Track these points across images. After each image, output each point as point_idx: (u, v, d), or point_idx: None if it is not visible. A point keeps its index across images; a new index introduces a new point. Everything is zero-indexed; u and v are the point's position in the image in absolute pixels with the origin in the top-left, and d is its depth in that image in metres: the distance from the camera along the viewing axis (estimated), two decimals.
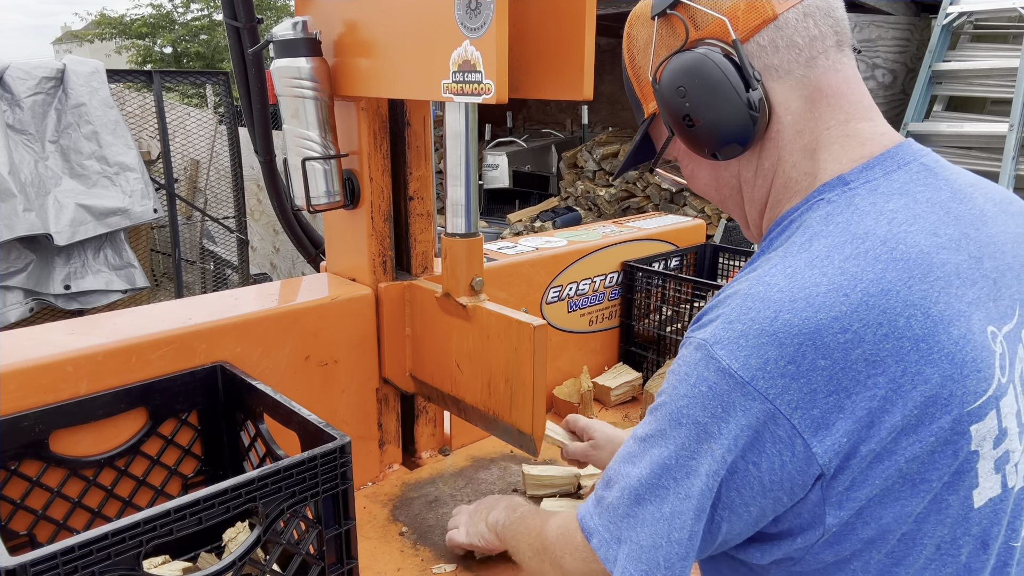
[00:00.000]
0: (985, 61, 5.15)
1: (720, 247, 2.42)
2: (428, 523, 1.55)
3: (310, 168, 1.50)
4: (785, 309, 0.76)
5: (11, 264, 4.29)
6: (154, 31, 19.20)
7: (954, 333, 0.77)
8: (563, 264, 2.01)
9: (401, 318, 1.64)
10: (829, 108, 0.88)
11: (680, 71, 0.87)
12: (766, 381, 0.75)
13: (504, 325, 1.40)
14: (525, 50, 1.27)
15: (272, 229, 7.13)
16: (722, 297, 0.84)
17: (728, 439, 0.77)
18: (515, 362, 1.39)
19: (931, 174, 0.87)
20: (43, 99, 4.41)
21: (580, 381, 2.02)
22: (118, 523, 0.90)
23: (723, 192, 0.98)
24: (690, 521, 0.80)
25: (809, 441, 0.75)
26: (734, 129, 0.87)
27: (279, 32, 1.44)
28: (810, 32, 0.86)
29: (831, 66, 0.87)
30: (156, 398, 1.32)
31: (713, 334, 0.79)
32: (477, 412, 1.52)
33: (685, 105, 0.88)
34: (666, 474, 0.82)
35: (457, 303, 1.47)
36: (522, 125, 10.11)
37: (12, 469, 1.19)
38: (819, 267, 0.78)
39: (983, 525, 0.81)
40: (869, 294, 0.76)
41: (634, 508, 0.84)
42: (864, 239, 0.79)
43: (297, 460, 1.06)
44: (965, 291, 0.79)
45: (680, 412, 0.81)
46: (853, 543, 0.80)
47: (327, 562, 1.13)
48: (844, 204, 0.83)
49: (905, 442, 0.76)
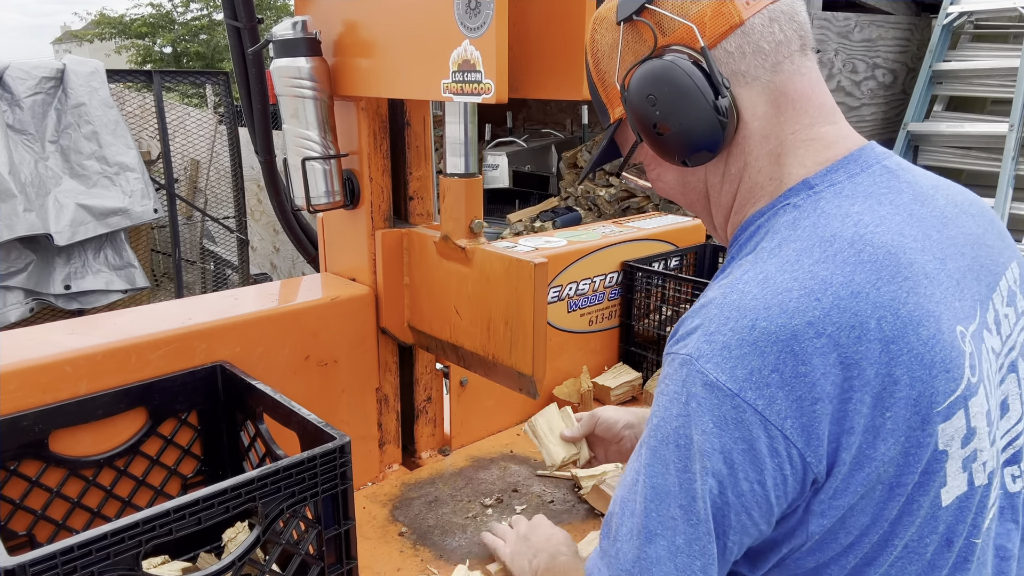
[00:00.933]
0: (985, 61, 5.15)
1: (720, 247, 2.42)
2: (428, 523, 1.55)
3: (310, 168, 1.50)
4: (761, 317, 0.76)
5: (11, 264, 4.29)
6: (154, 31, 19.19)
7: (923, 333, 0.77)
8: (563, 264, 2.01)
9: (399, 267, 1.62)
10: (794, 112, 0.88)
11: (649, 79, 0.86)
12: (754, 392, 0.75)
13: (504, 265, 1.37)
14: (525, 50, 1.27)
15: (272, 229, 7.13)
16: (697, 307, 0.84)
17: (725, 456, 0.76)
18: (515, 303, 1.37)
19: (893, 177, 0.88)
20: (43, 99, 4.41)
21: (580, 381, 2.02)
22: (117, 523, 0.90)
23: (690, 196, 0.98)
24: (706, 545, 0.78)
25: (803, 451, 0.75)
26: (704, 136, 0.86)
27: (279, 32, 1.44)
28: (775, 37, 0.86)
29: (796, 70, 0.88)
30: (156, 398, 1.32)
31: (697, 348, 0.79)
32: (476, 358, 1.49)
33: (655, 113, 0.87)
34: (671, 502, 0.79)
35: (456, 246, 1.45)
36: (522, 125, 10.11)
37: (12, 469, 1.19)
38: (790, 272, 0.78)
39: (949, 523, 0.82)
40: (840, 297, 0.76)
41: (646, 548, 0.81)
42: (832, 242, 0.80)
43: (297, 460, 1.05)
44: (932, 291, 0.80)
45: (676, 433, 0.79)
46: (834, 548, 0.81)
47: (327, 562, 1.13)
48: (810, 208, 0.84)
49: (882, 446, 0.76)
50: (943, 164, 5.17)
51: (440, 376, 1.82)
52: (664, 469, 0.80)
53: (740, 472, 0.76)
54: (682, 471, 0.78)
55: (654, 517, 0.80)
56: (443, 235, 1.48)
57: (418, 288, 1.60)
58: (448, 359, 1.61)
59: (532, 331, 1.35)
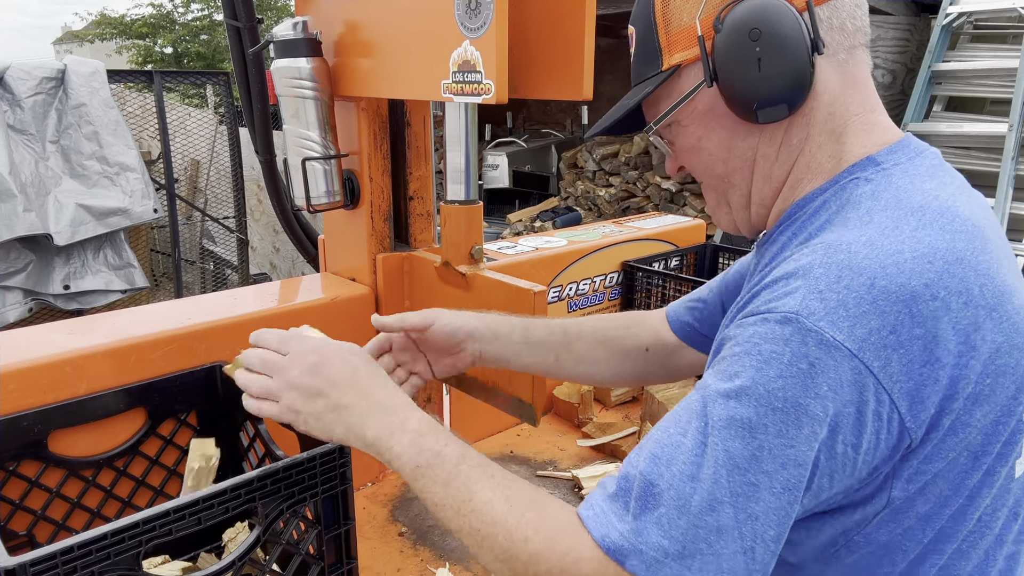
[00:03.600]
0: (985, 61, 5.14)
1: (720, 247, 2.42)
2: (428, 523, 1.55)
3: (310, 168, 1.50)
4: (879, 275, 0.73)
5: (11, 264, 4.29)
6: (154, 31, 19.19)
7: (1016, 303, 0.77)
8: (563, 264, 2.01)
9: (399, 290, 1.62)
10: (859, 97, 0.88)
11: (757, 14, 0.82)
12: (872, 352, 0.71)
13: (503, 293, 1.38)
14: (525, 50, 1.27)
15: (272, 229, 7.13)
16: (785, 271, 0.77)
17: (832, 420, 0.71)
18: None
19: (943, 163, 0.89)
20: (43, 99, 4.41)
21: None
22: (117, 523, 0.90)
23: (731, 164, 0.92)
24: (788, 514, 0.72)
25: (904, 416, 0.72)
26: (791, 87, 0.83)
27: (279, 32, 1.45)
28: (856, 22, 0.87)
29: (863, 59, 0.89)
30: (155, 398, 1.32)
31: (804, 305, 0.72)
32: (476, 384, 1.49)
33: (755, 50, 0.82)
34: (754, 468, 0.71)
35: (456, 272, 1.45)
36: (522, 125, 10.11)
37: (11, 469, 1.18)
38: (893, 235, 0.76)
39: (1017, 496, 0.82)
40: (948, 262, 0.74)
41: (705, 517, 0.71)
42: (923, 212, 0.78)
43: (296, 460, 1.05)
44: (1007, 265, 0.81)
45: (773, 396, 0.71)
46: (910, 518, 0.78)
47: (327, 562, 1.13)
48: (884, 182, 0.83)
49: (978, 413, 0.75)
50: None
51: None
52: (749, 433, 0.71)
53: (840, 435, 0.72)
54: (776, 435, 0.71)
55: (723, 484, 0.71)
56: (444, 261, 1.49)
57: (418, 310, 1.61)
58: (448, 382, 1.61)
59: None
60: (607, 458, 1.81)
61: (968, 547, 0.80)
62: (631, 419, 1.97)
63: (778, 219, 0.91)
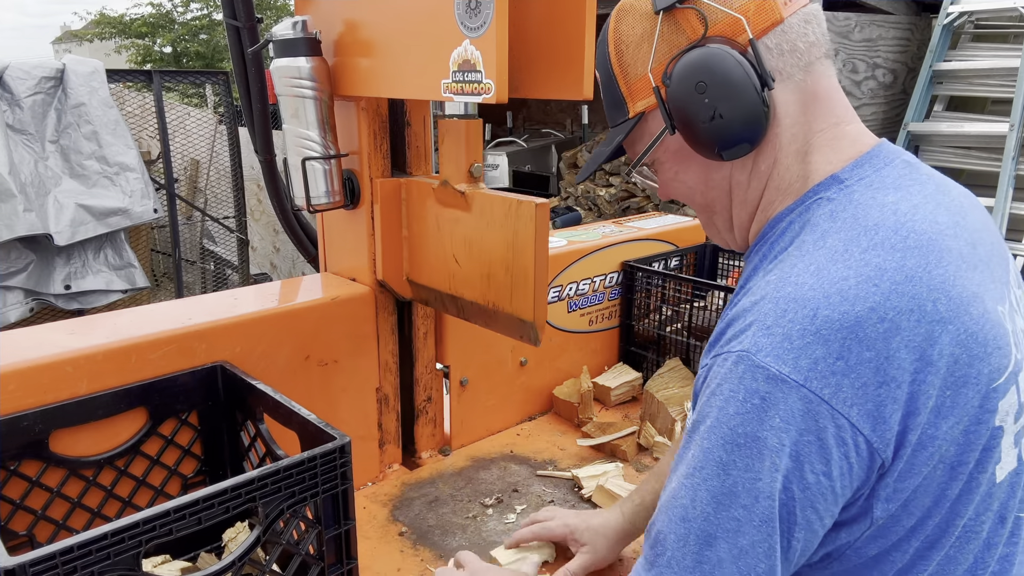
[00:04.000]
0: (985, 61, 5.14)
1: (720, 247, 2.42)
2: (428, 523, 1.55)
3: (310, 168, 1.50)
4: (822, 305, 0.75)
5: (11, 264, 4.29)
6: (154, 31, 19.19)
7: (974, 313, 0.78)
8: (563, 264, 2.01)
9: (397, 218, 1.59)
10: (821, 112, 0.90)
11: (699, 66, 0.85)
12: (819, 381, 0.74)
13: (504, 208, 1.34)
14: (525, 50, 1.27)
15: (272, 229, 7.13)
16: (745, 306, 0.82)
17: (792, 450, 0.74)
18: (515, 247, 1.34)
19: (914, 170, 0.90)
20: (43, 99, 4.41)
21: (580, 381, 2.02)
22: (118, 523, 0.90)
23: (710, 195, 0.97)
24: (772, 546, 0.77)
25: (869, 437, 0.75)
26: (748, 127, 0.86)
27: (279, 32, 1.44)
28: (808, 38, 0.88)
29: (824, 72, 0.90)
30: (156, 398, 1.32)
31: (753, 343, 0.77)
32: (476, 307, 1.46)
33: (704, 101, 0.86)
34: (734, 503, 0.76)
35: (455, 191, 1.41)
36: (522, 125, 10.11)
37: (12, 469, 1.19)
38: (842, 261, 0.78)
39: (1002, 500, 0.83)
40: (896, 281, 0.76)
41: (705, 552, 0.77)
42: (876, 230, 0.80)
43: (297, 460, 1.06)
44: (971, 274, 0.81)
45: (734, 432, 0.76)
46: (897, 533, 0.80)
47: (327, 562, 1.13)
48: (845, 200, 0.85)
49: (944, 425, 0.76)
50: (943, 164, 5.16)
51: (440, 376, 1.82)
52: (722, 471, 0.77)
53: (806, 465, 0.74)
54: (744, 470, 0.76)
55: (713, 520, 0.77)
56: (442, 180, 1.44)
57: (416, 240, 1.57)
58: (448, 311, 1.58)
59: (533, 275, 1.32)
60: (607, 458, 1.81)
61: (956, 552, 0.82)
62: (631, 419, 1.97)
63: (755, 238, 0.95)
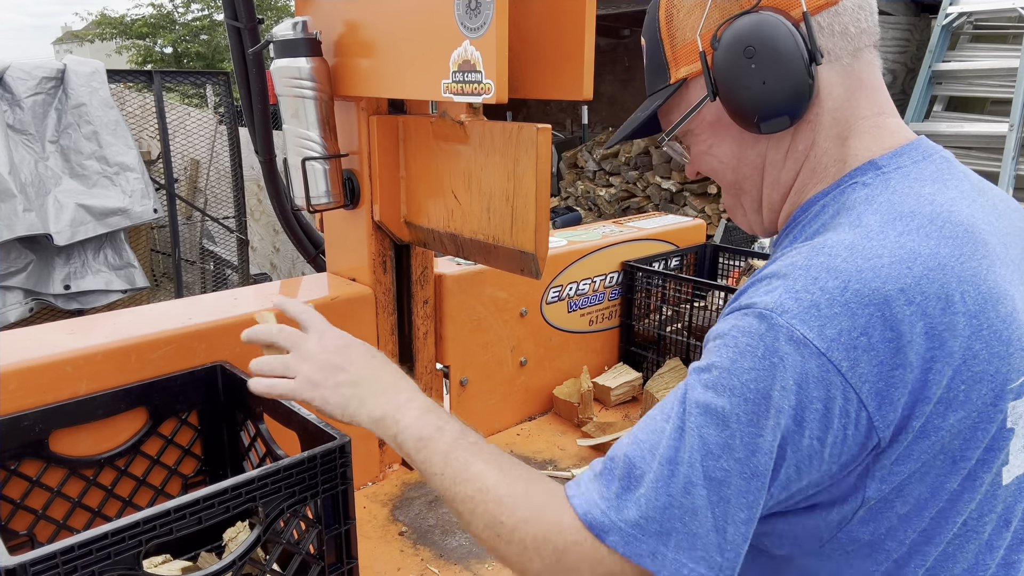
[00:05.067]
0: (985, 61, 5.15)
1: (720, 247, 2.42)
2: (428, 523, 1.55)
3: (310, 168, 1.50)
4: (854, 279, 0.75)
5: (11, 264, 4.29)
6: (154, 31, 19.19)
7: (1002, 311, 0.78)
8: (563, 264, 2.01)
9: (395, 157, 1.57)
10: (866, 100, 0.89)
11: (750, 31, 0.84)
12: (841, 353, 0.73)
13: (505, 135, 1.33)
14: (525, 50, 1.27)
15: (272, 229, 7.13)
16: (771, 271, 0.80)
17: (797, 413, 0.74)
18: (516, 175, 1.32)
19: (952, 166, 0.89)
20: (43, 99, 4.41)
21: (580, 381, 2.02)
22: (118, 523, 0.90)
23: (742, 171, 0.96)
24: (756, 499, 0.75)
25: (873, 415, 0.75)
26: (790, 99, 0.85)
27: (279, 32, 1.45)
28: (860, 24, 0.87)
29: (870, 61, 0.89)
30: (156, 398, 1.32)
31: (779, 303, 0.76)
32: (476, 244, 1.44)
33: (750, 66, 0.85)
34: (726, 455, 0.75)
35: (454, 122, 1.40)
36: None
37: (12, 469, 1.19)
38: (877, 239, 0.78)
39: (1008, 503, 0.82)
40: (928, 267, 0.76)
41: (686, 496, 0.75)
42: (912, 217, 0.80)
43: (297, 460, 1.06)
44: (1004, 272, 0.81)
45: (746, 387, 0.75)
46: (890, 519, 0.80)
47: (327, 562, 1.13)
48: (881, 187, 0.84)
49: (952, 418, 0.76)
50: None
51: (440, 376, 1.82)
52: (721, 420, 0.75)
53: (807, 430, 0.74)
54: (747, 424, 0.74)
55: (698, 468, 0.75)
56: (441, 111, 1.42)
57: (415, 179, 1.56)
58: (446, 251, 1.56)
59: (535, 203, 1.30)
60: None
61: (954, 550, 0.81)
62: (631, 419, 1.97)
63: (785, 222, 0.94)
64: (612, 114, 9.30)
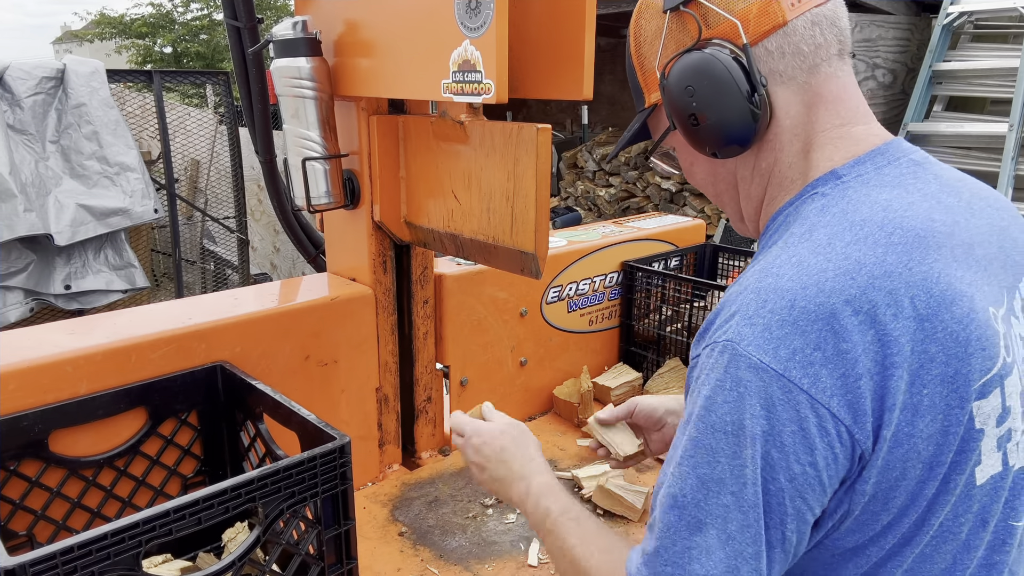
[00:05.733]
0: (985, 61, 5.14)
1: (720, 247, 2.42)
2: (428, 523, 1.55)
3: (310, 168, 1.50)
4: (799, 297, 0.77)
5: (11, 264, 4.29)
6: (154, 31, 19.18)
7: (956, 312, 0.78)
8: (563, 264, 2.01)
9: (395, 157, 1.58)
10: (827, 113, 0.91)
11: (689, 70, 0.88)
12: (799, 371, 0.75)
13: (505, 135, 1.34)
14: (525, 50, 1.27)
15: (272, 229, 7.13)
16: (731, 296, 0.84)
17: (775, 439, 0.75)
18: (516, 175, 1.33)
19: (920, 168, 0.90)
20: (43, 99, 4.41)
21: (580, 381, 2.02)
22: (117, 523, 0.90)
23: (719, 187, 1.01)
24: (758, 532, 0.77)
25: (851, 428, 0.75)
26: (737, 130, 0.89)
27: (279, 32, 1.45)
28: (816, 40, 0.88)
29: (832, 73, 0.90)
30: (156, 398, 1.32)
31: (737, 332, 0.78)
32: (476, 244, 1.45)
33: (692, 104, 0.89)
34: (723, 490, 0.78)
35: (454, 122, 1.41)
36: None
37: (12, 469, 1.19)
38: (823, 254, 0.80)
39: (983, 503, 0.83)
40: (874, 276, 0.77)
41: (694, 538, 0.79)
42: (862, 226, 0.81)
43: (297, 460, 1.06)
44: (962, 274, 0.81)
45: (722, 421, 0.78)
46: (873, 528, 0.81)
47: (327, 562, 1.13)
48: (838, 196, 0.86)
49: (920, 423, 0.77)
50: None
51: (440, 376, 1.82)
52: (711, 458, 0.78)
53: (791, 455, 0.75)
54: (732, 457, 0.77)
55: (703, 507, 0.78)
56: (440, 111, 1.43)
57: (415, 179, 1.56)
58: (446, 251, 1.57)
59: (535, 203, 1.30)
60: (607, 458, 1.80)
61: (932, 551, 0.82)
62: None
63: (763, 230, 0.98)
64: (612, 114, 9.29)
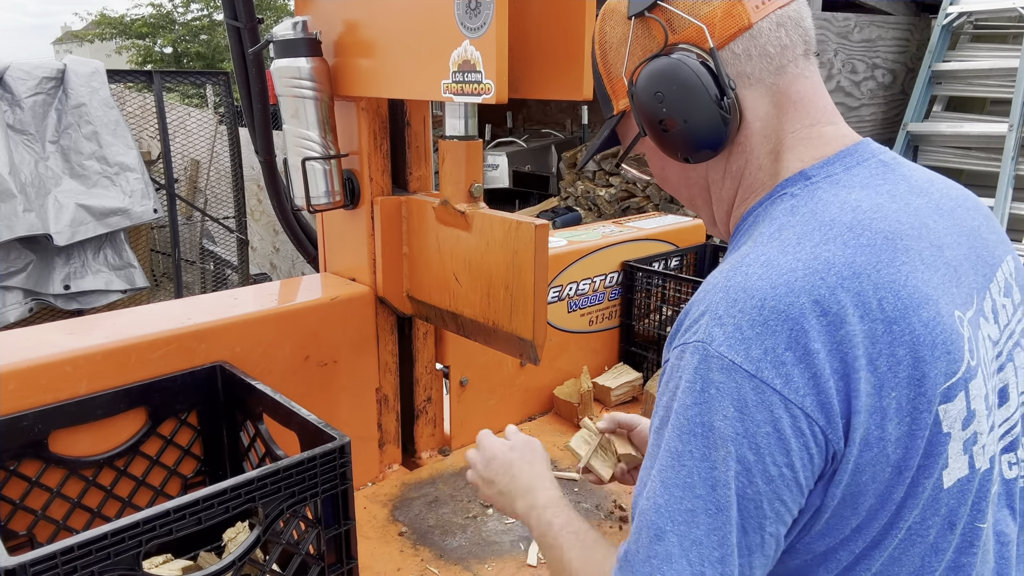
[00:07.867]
0: (985, 61, 5.14)
1: (720, 247, 2.42)
2: (428, 523, 1.55)
3: (310, 168, 1.50)
4: (769, 296, 0.76)
5: (11, 264, 4.29)
6: (154, 31, 19.19)
7: (923, 315, 0.78)
8: (563, 264, 2.01)
9: (398, 235, 1.60)
10: (795, 113, 0.91)
11: (657, 76, 0.88)
12: (772, 371, 0.74)
13: (504, 229, 1.36)
14: (525, 50, 1.27)
15: (272, 229, 7.13)
16: (698, 295, 0.83)
17: (750, 441, 0.75)
18: (515, 266, 1.35)
19: (889, 170, 0.90)
20: (43, 99, 4.41)
21: (580, 381, 2.02)
22: (117, 523, 0.90)
23: (692, 191, 1.00)
24: (726, 535, 0.76)
25: (825, 428, 0.75)
26: (707, 135, 0.88)
27: (279, 32, 1.45)
28: (782, 41, 0.88)
29: (799, 74, 0.90)
30: (155, 398, 1.32)
31: (707, 333, 0.78)
32: (476, 325, 1.47)
33: (662, 110, 0.89)
34: (687, 495, 0.76)
35: (455, 211, 1.43)
36: (522, 125, 10.10)
37: (12, 469, 1.19)
38: (792, 253, 0.79)
39: (951, 505, 0.82)
40: (843, 276, 0.77)
41: (655, 546, 0.77)
42: (831, 227, 0.81)
43: (297, 460, 1.06)
44: (929, 276, 0.81)
45: (692, 423, 0.76)
46: (843, 531, 0.81)
47: (327, 562, 1.13)
48: (807, 196, 0.86)
49: (889, 427, 0.77)
50: (943, 164, 5.17)
51: (440, 376, 1.82)
52: (678, 462, 0.77)
53: (767, 456, 0.75)
54: (701, 460, 0.76)
55: (665, 514, 0.77)
56: (442, 200, 1.45)
57: (417, 256, 1.59)
58: (448, 328, 1.59)
59: (533, 295, 1.33)
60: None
61: (900, 554, 0.82)
62: None
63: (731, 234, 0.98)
64: None
